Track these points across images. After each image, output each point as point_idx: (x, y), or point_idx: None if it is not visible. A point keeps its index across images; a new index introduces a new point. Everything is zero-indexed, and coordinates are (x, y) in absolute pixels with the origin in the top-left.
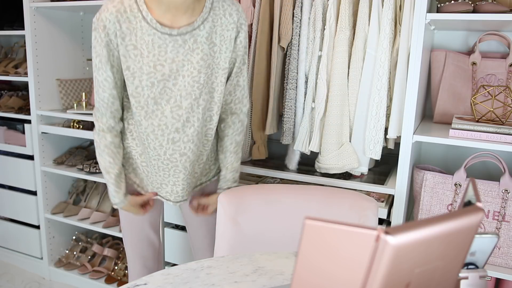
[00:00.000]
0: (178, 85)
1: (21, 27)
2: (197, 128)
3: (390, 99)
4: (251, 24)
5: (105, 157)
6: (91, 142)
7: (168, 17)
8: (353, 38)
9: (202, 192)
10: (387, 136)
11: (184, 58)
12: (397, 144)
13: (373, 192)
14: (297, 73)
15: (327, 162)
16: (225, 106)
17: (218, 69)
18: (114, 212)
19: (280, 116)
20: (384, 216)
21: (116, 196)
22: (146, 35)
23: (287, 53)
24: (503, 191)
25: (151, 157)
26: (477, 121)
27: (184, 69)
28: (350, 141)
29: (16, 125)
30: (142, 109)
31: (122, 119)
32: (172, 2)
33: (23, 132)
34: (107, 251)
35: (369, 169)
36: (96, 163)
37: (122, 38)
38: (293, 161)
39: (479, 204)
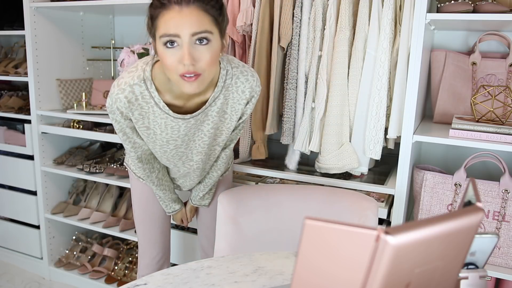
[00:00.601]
0: (190, 148)
1: (21, 27)
2: (205, 166)
3: (390, 99)
4: (251, 24)
5: (160, 191)
6: (91, 142)
7: (180, 101)
8: (353, 38)
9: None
10: (387, 136)
11: (196, 130)
12: (397, 144)
13: (373, 192)
14: (297, 73)
15: (327, 162)
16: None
17: (229, 130)
18: (114, 212)
19: (280, 116)
20: (384, 216)
21: (174, 206)
22: (158, 118)
23: (287, 53)
24: (503, 191)
25: (165, 170)
26: (477, 121)
27: (195, 137)
28: (350, 141)
29: (16, 125)
30: (155, 159)
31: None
32: (183, 93)
33: (23, 132)
34: (107, 251)
35: (369, 169)
36: (96, 163)
37: (135, 122)
38: (293, 161)
39: (479, 204)
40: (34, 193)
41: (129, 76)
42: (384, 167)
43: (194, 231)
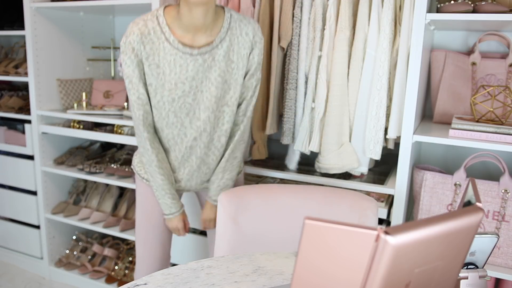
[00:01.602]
0: (197, 100)
1: (21, 27)
2: (212, 136)
3: (390, 99)
4: None
5: (157, 176)
6: (91, 142)
7: (188, 37)
8: (353, 38)
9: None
10: (387, 136)
11: (203, 75)
12: (397, 144)
13: (373, 192)
14: (297, 73)
15: (327, 162)
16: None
17: (236, 84)
18: (114, 212)
19: (280, 116)
20: (384, 216)
21: (173, 206)
22: (168, 55)
23: (287, 53)
24: (503, 191)
25: (170, 158)
26: (477, 121)
27: (202, 85)
28: (350, 141)
29: (16, 125)
30: (163, 120)
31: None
32: (191, 24)
33: (23, 132)
34: (107, 251)
35: (369, 169)
36: (96, 163)
37: (146, 58)
38: (293, 161)
39: (479, 204)
40: (34, 193)
41: (143, 16)
42: (384, 167)
43: (194, 230)
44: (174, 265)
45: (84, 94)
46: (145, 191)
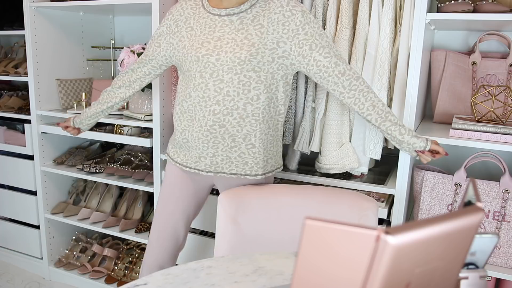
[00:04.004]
0: (221, 60)
1: (21, 27)
2: (236, 102)
3: (390, 99)
4: None
5: (98, 98)
6: (91, 142)
7: (217, 1)
8: (353, 38)
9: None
10: None
11: (229, 36)
12: None
13: (373, 192)
14: (297, 73)
15: (327, 162)
16: (335, 87)
17: (265, 49)
18: (114, 212)
19: None
20: (384, 216)
21: (75, 117)
22: (201, 18)
23: None
24: (503, 191)
25: (195, 129)
26: (477, 121)
27: (228, 46)
28: (350, 141)
29: (16, 125)
30: (191, 82)
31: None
32: None
33: (23, 132)
34: (107, 251)
35: (369, 169)
36: (96, 163)
37: (184, 22)
38: (293, 161)
39: (479, 204)
40: (34, 193)
41: None
42: (384, 167)
43: (194, 231)
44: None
45: (84, 94)
46: (172, 172)
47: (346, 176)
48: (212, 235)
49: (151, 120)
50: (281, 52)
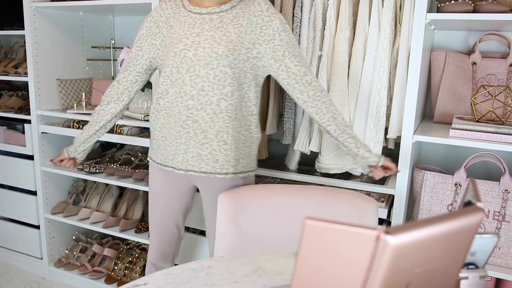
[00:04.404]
0: (198, 55)
1: (21, 27)
2: (211, 97)
3: (390, 99)
4: None
5: (90, 119)
6: None
7: (199, 1)
8: (353, 38)
9: (233, 185)
10: (387, 136)
11: (208, 33)
12: (397, 144)
13: (373, 192)
14: None
15: (327, 162)
16: (300, 95)
17: (242, 47)
18: (114, 212)
19: (280, 116)
20: (384, 216)
21: (68, 146)
22: (182, 17)
23: None
24: (503, 191)
25: (171, 126)
26: (477, 121)
27: (206, 42)
28: None
29: (16, 125)
30: (168, 78)
31: (123, 103)
32: None
33: (23, 132)
34: (107, 251)
35: None
36: (96, 163)
37: (165, 22)
38: (293, 161)
39: (479, 204)
40: (34, 193)
41: None
42: None
43: (194, 231)
44: (174, 265)
45: (84, 94)
46: (155, 174)
47: (346, 176)
48: None
49: None
50: (255, 53)
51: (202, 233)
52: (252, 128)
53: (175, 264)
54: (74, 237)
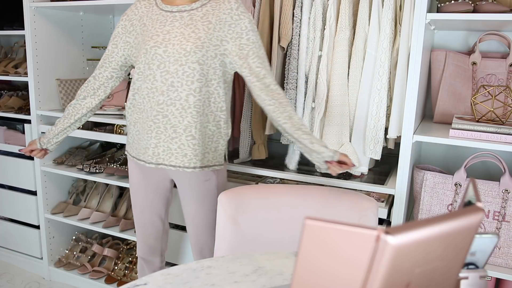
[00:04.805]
0: (168, 52)
1: (21, 27)
2: (180, 93)
3: (390, 99)
4: None
5: (64, 113)
6: (91, 142)
7: (171, 1)
8: (353, 38)
9: (205, 179)
10: (387, 136)
11: (178, 30)
12: (397, 144)
13: (373, 192)
14: (297, 73)
15: None
16: (259, 92)
17: (210, 44)
18: (114, 212)
19: None
20: (384, 216)
21: (40, 137)
22: (154, 15)
23: (287, 53)
24: (503, 191)
25: (144, 121)
26: (477, 121)
27: (175, 39)
28: (350, 141)
29: (16, 125)
30: (141, 74)
31: (98, 98)
32: None
33: (23, 132)
34: (107, 251)
35: (369, 169)
36: (96, 163)
37: (138, 20)
38: (293, 161)
39: (479, 204)
40: (34, 193)
41: None
42: (384, 167)
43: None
44: (174, 265)
45: None
46: (131, 168)
47: (346, 176)
48: None
49: None
50: (223, 50)
51: None
52: (221, 124)
53: (175, 264)
54: (74, 237)
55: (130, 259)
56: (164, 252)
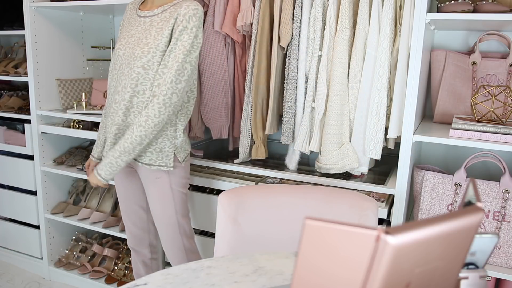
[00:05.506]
0: (125, 55)
1: (21, 27)
2: (125, 94)
3: (390, 99)
4: (251, 24)
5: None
6: (91, 142)
7: (146, 7)
8: (353, 38)
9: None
10: (387, 136)
11: (137, 35)
12: (397, 144)
13: (373, 192)
14: (297, 73)
15: (327, 162)
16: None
17: (157, 50)
18: (114, 212)
19: (280, 116)
20: (384, 216)
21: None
22: (131, 19)
23: (287, 53)
24: (503, 191)
25: (108, 114)
26: (477, 121)
27: (133, 43)
28: (350, 141)
29: (16, 125)
30: (110, 74)
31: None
32: None
33: (23, 132)
34: (107, 251)
35: (369, 169)
36: None
37: (123, 25)
38: (293, 161)
39: (479, 204)
40: (34, 193)
41: None
42: (384, 167)
43: (194, 231)
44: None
45: (83, 94)
46: (116, 180)
47: (346, 176)
48: (212, 235)
49: None
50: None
51: (202, 233)
52: (167, 127)
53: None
54: (74, 237)
55: (130, 259)
56: (154, 244)
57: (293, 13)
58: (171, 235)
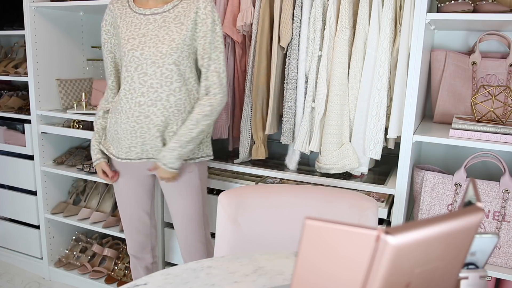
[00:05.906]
0: (145, 55)
1: (21, 27)
2: (160, 94)
3: (390, 99)
4: (251, 24)
5: (96, 126)
6: None
7: (143, 2)
8: (353, 38)
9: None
10: (387, 136)
11: (153, 33)
12: (397, 144)
13: (373, 192)
14: (297, 73)
15: (327, 162)
16: (202, 87)
17: (184, 44)
18: (114, 212)
19: (280, 116)
20: (384, 216)
21: (93, 156)
22: (128, 17)
23: (287, 53)
24: (503, 191)
25: (123, 121)
26: (477, 121)
27: (151, 41)
28: (350, 141)
29: (16, 125)
30: (122, 75)
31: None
32: None
33: (23, 132)
34: (107, 251)
35: (369, 169)
36: None
37: (112, 23)
38: (293, 161)
39: (479, 204)
40: (34, 193)
41: None
42: (384, 167)
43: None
44: (174, 265)
45: (83, 94)
46: (116, 187)
47: (346, 176)
48: (212, 235)
49: None
50: (194, 49)
51: None
52: None
53: (175, 264)
54: (74, 237)
55: (130, 259)
56: (154, 248)
57: (293, 13)
58: (195, 229)
